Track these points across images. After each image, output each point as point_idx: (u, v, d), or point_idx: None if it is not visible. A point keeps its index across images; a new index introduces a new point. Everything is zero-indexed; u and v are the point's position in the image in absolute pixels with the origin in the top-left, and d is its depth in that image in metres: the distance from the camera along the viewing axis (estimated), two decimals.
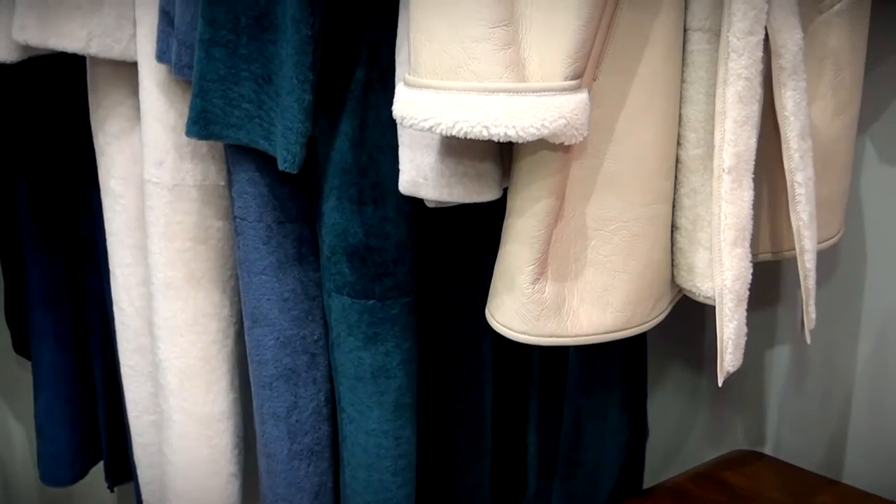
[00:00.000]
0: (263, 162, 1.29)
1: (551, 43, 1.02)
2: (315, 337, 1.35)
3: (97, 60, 1.45)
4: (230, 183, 1.35)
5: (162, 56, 1.34)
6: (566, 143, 1.04)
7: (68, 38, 1.38)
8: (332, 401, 1.38)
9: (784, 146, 1.18)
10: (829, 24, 1.26)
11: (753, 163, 1.14)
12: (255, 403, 1.40)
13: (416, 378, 1.33)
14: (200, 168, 1.39)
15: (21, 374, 2.01)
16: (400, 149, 1.15)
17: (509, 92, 0.99)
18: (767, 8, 1.11)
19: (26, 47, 1.41)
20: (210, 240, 1.41)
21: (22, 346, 1.91)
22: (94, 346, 1.78)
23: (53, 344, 1.77)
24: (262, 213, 1.32)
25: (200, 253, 1.41)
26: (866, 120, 1.48)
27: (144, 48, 1.37)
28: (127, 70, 1.43)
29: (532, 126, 0.99)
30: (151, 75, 1.37)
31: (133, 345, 1.54)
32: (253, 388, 1.39)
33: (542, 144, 1.07)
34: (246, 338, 1.38)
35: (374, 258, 1.25)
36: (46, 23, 1.36)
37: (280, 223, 1.32)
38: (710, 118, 1.14)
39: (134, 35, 1.40)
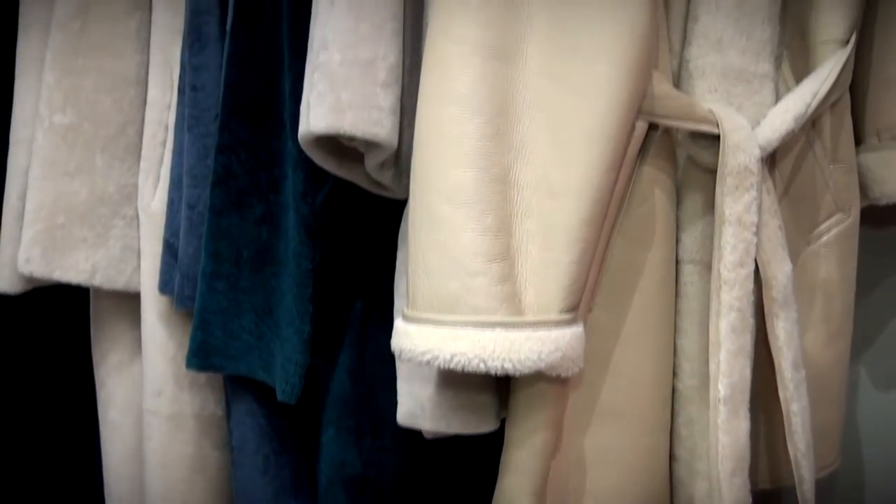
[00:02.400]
0: (262, 392, 1.29)
1: (547, 277, 1.04)
2: None
3: (101, 292, 1.47)
4: (228, 413, 1.35)
5: (165, 287, 1.36)
6: (562, 375, 1.05)
7: (73, 270, 1.41)
8: None
9: (778, 376, 1.19)
10: (817, 254, 1.28)
11: (749, 393, 1.14)
12: None
13: None
14: (199, 398, 1.39)
15: None
16: (398, 381, 1.16)
17: (506, 326, 1.01)
18: (756, 241, 1.14)
19: (31, 279, 1.44)
20: (207, 469, 1.40)
21: None
22: None
23: None
24: (259, 444, 1.31)
25: (197, 483, 1.40)
26: (859, 348, 1.50)
27: (148, 280, 1.40)
28: (129, 302, 1.46)
29: (529, 359, 1.01)
30: (153, 306, 1.39)
31: None
32: None
33: (538, 377, 1.07)
34: None
35: (372, 489, 1.24)
36: (51, 255, 1.39)
37: (278, 454, 1.31)
38: (705, 349, 1.15)
39: (138, 267, 1.43)
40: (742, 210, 1.12)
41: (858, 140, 1.33)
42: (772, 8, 1.16)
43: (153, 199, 1.41)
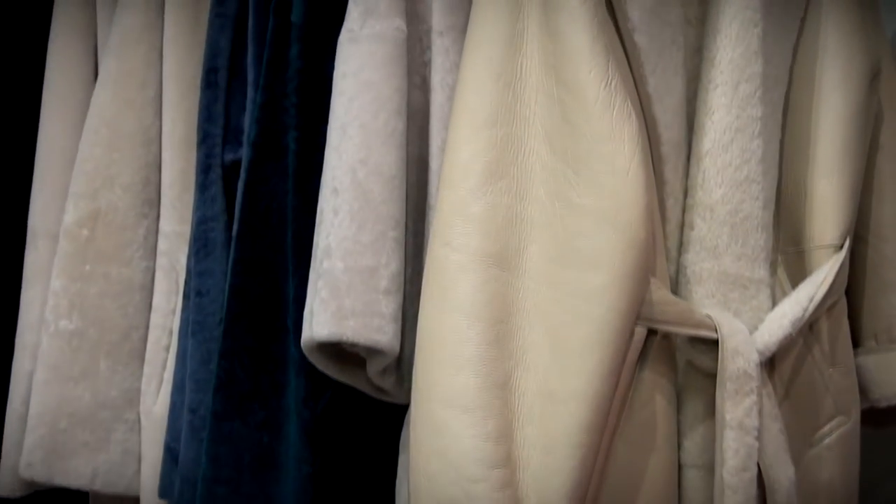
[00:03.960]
0: None
1: (549, 483, 1.03)
2: None
3: (100, 496, 1.46)
4: None
5: (165, 492, 1.36)
6: None
7: (73, 475, 1.40)
8: None
9: None
10: (820, 457, 1.28)
11: None
12: None
13: None
14: None
15: None
16: None
17: None
18: (758, 445, 1.13)
19: (32, 483, 1.43)
20: None
21: None
22: None
23: None
24: None
25: None
26: None
27: (148, 484, 1.39)
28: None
29: None
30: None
31: None
32: None
33: None
34: None
35: None
36: (53, 460, 1.39)
37: None
38: None
39: (138, 471, 1.43)
40: (743, 415, 1.12)
41: (856, 343, 1.34)
42: (765, 215, 1.19)
43: (155, 404, 1.41)
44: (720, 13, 1.18)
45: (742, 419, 1.12)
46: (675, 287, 1.19)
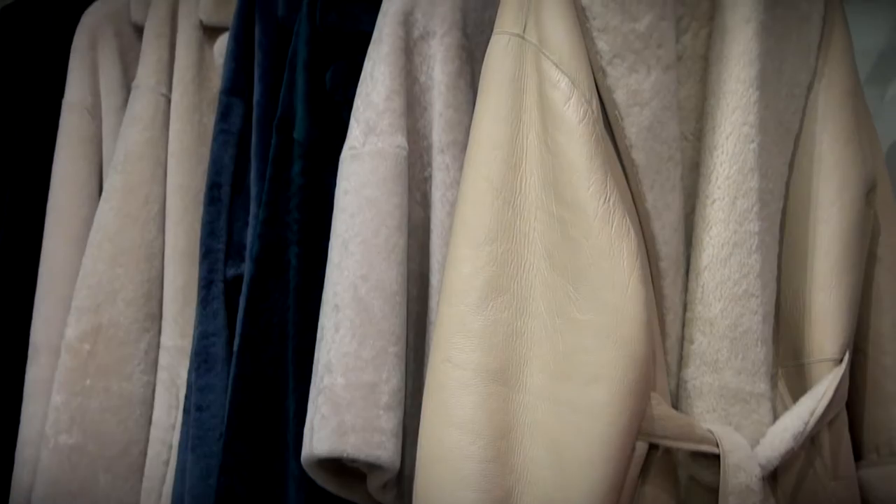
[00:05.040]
0: None
1: None
2: None
3: None
4: None
5: None
6: None
7: None
8: None
9: None
10: None
11: None
12: None
13: None
14: None
15: None
16: None
17: None
18: None
19: None
20: None
21: None
22: None
23: None
24: None
25: None
26: None
27: None
28: None
29: None
30: None
31: None
32: None
33: None
34: None
35: None
36: None
37: None
38: None
39: None
40: None
41: (858, 455, 1.33)
42: (765, 329, 1.19)
43: None
44: (716, 129, 1.20)
45: None
46: (676, 402, 1.19)
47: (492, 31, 1.13)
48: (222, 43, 1.49)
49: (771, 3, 1.21)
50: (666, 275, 1.16)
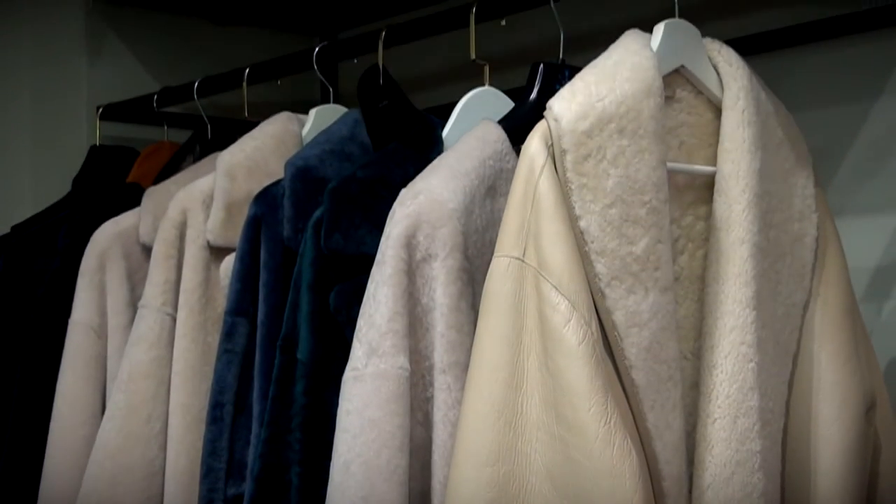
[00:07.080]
0: None
1: None
2: None
3: None
4: None
5: None
6: None
7: None
8: None
9: None
10: None
11: None
12: None
13: None
14: None
15: None
16: None
17: None
18: None
19: None
20: None
21: None
22: None
23: None
24: None
25: None
26: None
27: None
28: None
29: None
30: None
31: None
32: None
33: None
34: None
35: None
36: None
37: None
38: None
39: None
40: None
41: None
42: None
43: None
44: (715, 348, 1.21)
45: None
46: None
47: (492, 253, 1.16)
48: (228, 263, 1.53)
49: (764, 225, 1.24)
50: (668, 494, 1.16)
